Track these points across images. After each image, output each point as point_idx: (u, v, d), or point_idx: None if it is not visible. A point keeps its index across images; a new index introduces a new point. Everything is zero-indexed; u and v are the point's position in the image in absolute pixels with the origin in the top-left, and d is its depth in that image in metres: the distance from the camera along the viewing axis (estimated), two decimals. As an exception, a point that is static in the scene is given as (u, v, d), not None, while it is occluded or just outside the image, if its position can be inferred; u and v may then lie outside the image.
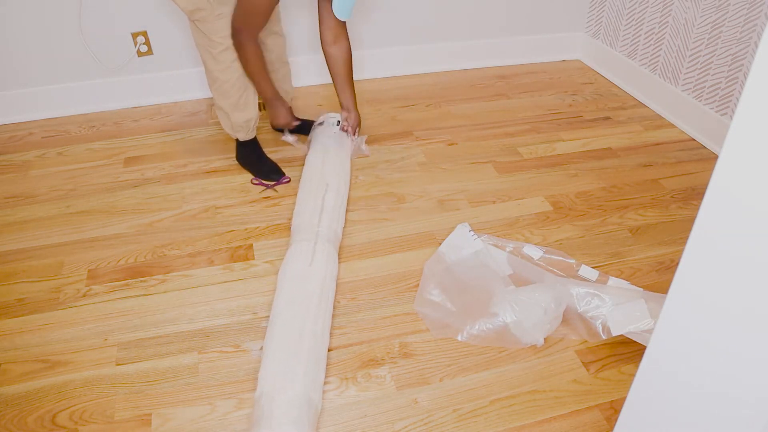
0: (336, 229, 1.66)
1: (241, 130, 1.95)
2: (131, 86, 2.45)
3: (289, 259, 1.50)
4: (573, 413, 1.27)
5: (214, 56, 1.78)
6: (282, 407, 1.14)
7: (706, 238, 0.69)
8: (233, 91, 1.84)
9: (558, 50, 2.90)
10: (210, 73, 1.84)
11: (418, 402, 1.29)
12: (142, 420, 1.25)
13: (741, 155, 0.62)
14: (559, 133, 2.30)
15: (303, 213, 1.67)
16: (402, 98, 2.55)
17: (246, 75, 1.86)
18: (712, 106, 2.19)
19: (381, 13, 2.56)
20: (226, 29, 1.74)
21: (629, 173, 2.06)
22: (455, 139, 2.25)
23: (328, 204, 1.69)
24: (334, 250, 1.58)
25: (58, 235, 1.77)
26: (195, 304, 1.53)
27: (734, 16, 2.02)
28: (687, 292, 0.75)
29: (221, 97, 1.87)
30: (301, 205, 1.71)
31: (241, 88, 1.85)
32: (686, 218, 1.85)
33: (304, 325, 1.31)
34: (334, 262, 1.55)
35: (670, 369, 0.82)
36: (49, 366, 1.37)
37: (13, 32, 2.23)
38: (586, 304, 1.42)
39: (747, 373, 0.68)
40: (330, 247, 1.56)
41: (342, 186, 1.82)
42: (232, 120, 1.91)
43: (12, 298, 1.55)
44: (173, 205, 1.89)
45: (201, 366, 1.37)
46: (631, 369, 1.37)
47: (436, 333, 1.44)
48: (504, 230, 1.78)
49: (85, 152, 2.18)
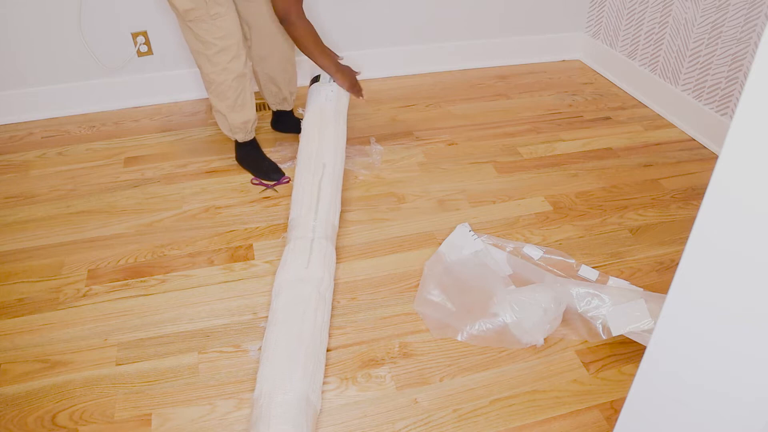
0: (333, 221, 1.63)
1: (239, 131, 1.95)
2: (131, 86, 2.45)
3: (286, 260, 1.48)
4: (573, 413, 1.27)
5: (209, 58, 1.77)
6: (281, 408, 1.14)
7: (706, 238, 0.69)
8: (230, 92, 1.84)
9: (558, 50, 2.90)
10: (206, 76, 1.83)
11: (418, 402, 1.29)
12: (142, 420, 1.25)
13: (741, 155, 0.62)
14: (559, 133, 2.30)
15: (300, 204, 1.63)
16: (402, 98, 2.55)
17: (305, 53, 1.84)
18: (712, 106, 2.19)
19: (381, 13, 2.57)
20: (220, 30, 1.73)
21: (629, 173, 2.06)
22: (455, 139, 2.25)
23: (324, 192, 1.65)
24: (331, 246, 1.56)
25: (58, 235, 1.77)
26: (195, 304, 1.53)
27: (734, 16, 2.02)
28: (687, 292, 0.75)
29: (218, 99, 1.86)
30: (298, 194, 1.67)
31: (238, 89, 1.84)
32: (686, 218, 1.85)
33: (302, 327, 1.30)
34: (332, 260, 1.54)
35: (670, 369, 0.82)
36: (49, 366, 1.37)
37: (14, 32, 2.23)
38: (586, 304, 1.42)
39: (747, 372, 0.68)
40: (327, 244, 1.54)
41: (338, 164, 1.76)
42: (230, 121, 1.91)
43: (12, 298, 1.55)
44: (173, 205, 1.89)
45: (201, 366, 1.37)
46: (631, 369, 1.37)
47: (436, 333, 1.44)
48: (504, 230, 1.78)
49: (85, 152, 2.18)
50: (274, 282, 1.45)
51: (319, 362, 1.28)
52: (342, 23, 2.54)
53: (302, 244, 1.51)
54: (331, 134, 1.81)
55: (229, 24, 1.74)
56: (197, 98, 2.54)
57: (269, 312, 1.39)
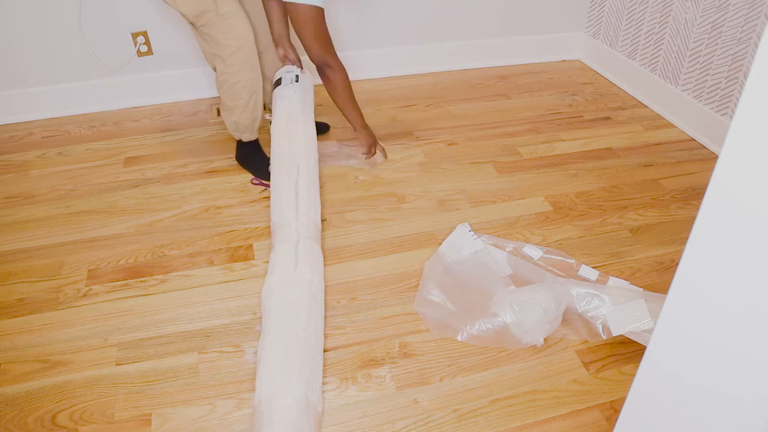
0: (315, 219, 1.61)
1: (246, 130, 1.95)
2: (131, 86, 2.45)
3: (274, 265, 1.46)
4: (573, 413, 1.27)
5: (225, 59, 1.77)
6: (281, 412, 1.14)
7: (706, 237, 0.69)
8: (244, 92, 1.84)
9: (558, 50, 2.90)
10: (222, 76, 1.82)
11: (418, 402, 1.29)
12: (142, 420, 1.25)
13: (741, 155, 0.62)
14: (559, 133, 2.30)
15: (279, 207, 1.62)
16: (402, 98, 2.55)
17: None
18: (712, 106, 2.19)
19: (381, 13, 2.57)
20: (233, 29, 1.73)
21: (629, 173, 2.06)
22: (455, 139, 2.25)
23: (302, 191, 1.64)
24: (316, 245, 1.54)
25: (58, 235, 1.77)
26: (195, 304, 1.53)
27: (734, 16, 2.02)
28: (687, 291, 0.75)
29: (231, 98, 1.85)
30: (276, 197, 1.65)
31: (252, 88, 1.84)
32: (686, 218, 1.85)
33: (294, 329, 1.29)
34: (319, 260, 1.52)
35: (670, 369, 0.82)
36: (49, 366, 1.37)
37: (14, 32, 2.23)
38: (586, 304, 1.42)
39: (747, 372, 0.68)
40: (312, 244, 1.52)
41: (312, 162, 1.75)
42: (240, 120, 1.91)
43: (12, 298, 1.55)
44: (173, 205, 1.89)
45: (201, 366, 1.37)
46: (631, 369, 1.37)
47: (436, 333, 1.44)
48: (504, 230, 1.78)
49: (85, 152, 2.18)
50: (264, 287, 1.42)
51: (316, 363, 1.27)
52: (342, 23, 2.54)
53: (287, 247, 1.49)
54: (300, 133, 1.79)
55: (240, 22, 1.74)
56: (197, 98, 2.54)
57: (262, 316, 1.38)
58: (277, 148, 1.77)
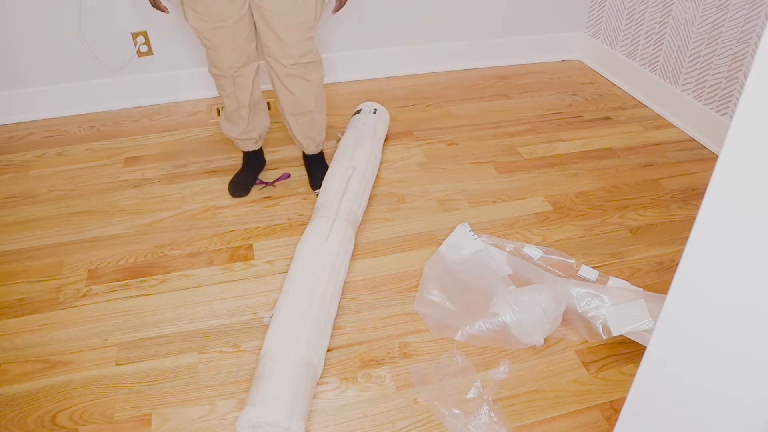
0: (356, 211, 1.70)
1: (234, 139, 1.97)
2: (131, 86, 2.45)
3: (308, 234, 1.55)
4: (573, 413, 1.27)
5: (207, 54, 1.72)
6: (283, 365, 1.20)
7: (706, 237, 0.69)
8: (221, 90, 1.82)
9: (558, 50, 2.90)
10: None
11: (418, 402, 1.29)
12: (142, 420, 1.25)
13: (741, 155, 0.62)
14: (559, 133, 2.30)
15: (327, 192, 1.71)
16: (402, 98, 2.55)
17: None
18: (712, 106, 2.19)
19: (381, 13, 2.56)
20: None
21: (629, 173, 2.06)
22: (455, 139, 2.25)
23: (352, 187, 1.73)
24: (351, 229, 1.62)
25: (58, 235, 1.77)
26: (195, 304, 1.53)
27: (734, 16, 2.02)
28: (687, 291, 0.75)
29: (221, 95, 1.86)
30: (327, 185, 1.75)
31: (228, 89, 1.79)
32: (686, 218, 1.85)
33: (312, 296, 1.36)
34: (350, 240, 1.60)
35: (670, 369, 0.82)
36: (49, 366, 1.37)
37: (14, 32, 2.23)
38: (586, 304, 1.42)
39: (747, 372, 0.68)
40: (347, 226, 1.61)
41: (369, 170, 1.85)
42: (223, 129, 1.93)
43: (12, 298, 1.55)
44: (173, 205, 1.89)
45: (201, 366, 1.37)
46: (631, 369, 1.37)
47: (436, 333, 1.44)
48: (504, 230, 1.78)
49: (85, 152, 2.18)
50: (294, 255, 1.51)
51: (325, 331, 1.34)
52: (342, 23, 2.54)
53: (324, 222, 1.58)
54: (365, 150, 1.90)
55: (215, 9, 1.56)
56: (197, 98, 2.54)
57: (285, 280, 1.44)
58: (340, 157, 1.86)
